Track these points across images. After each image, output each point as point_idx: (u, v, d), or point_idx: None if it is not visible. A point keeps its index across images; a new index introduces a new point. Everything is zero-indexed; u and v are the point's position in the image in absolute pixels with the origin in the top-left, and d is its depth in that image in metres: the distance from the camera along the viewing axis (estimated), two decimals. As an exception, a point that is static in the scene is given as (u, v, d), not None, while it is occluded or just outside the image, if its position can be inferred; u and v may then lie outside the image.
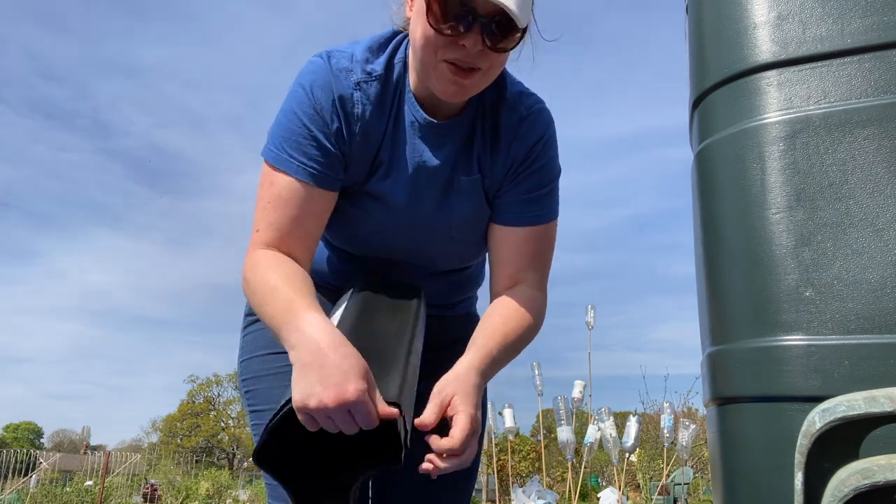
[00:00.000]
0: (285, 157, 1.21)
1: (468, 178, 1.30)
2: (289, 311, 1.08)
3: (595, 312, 11.16)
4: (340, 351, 1.00)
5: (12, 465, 19.40)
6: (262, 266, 1.19)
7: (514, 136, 1.30)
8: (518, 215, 1.31)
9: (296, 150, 1.21)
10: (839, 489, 0.71)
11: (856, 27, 0.84)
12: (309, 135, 1.22)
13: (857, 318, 0.77)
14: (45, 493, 14.78)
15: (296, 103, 1.23)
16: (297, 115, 1.22)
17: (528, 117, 1.31)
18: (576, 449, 10.30)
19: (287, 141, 1.22)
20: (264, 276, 1.17)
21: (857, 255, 0.78)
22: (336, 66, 1.24)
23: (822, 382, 0.76)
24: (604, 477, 22.95)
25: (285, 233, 1.22)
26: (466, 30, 1.12)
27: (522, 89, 1.34)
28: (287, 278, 1.15)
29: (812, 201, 0.81)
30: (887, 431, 0.72)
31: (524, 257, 1.31)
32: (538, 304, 1.31)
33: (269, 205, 1.22)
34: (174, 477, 21.11)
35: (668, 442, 10.69)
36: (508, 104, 1.30)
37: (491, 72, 1.20)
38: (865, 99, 0.82)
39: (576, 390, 10.37)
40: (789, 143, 0.83)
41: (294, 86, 1.25)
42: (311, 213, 1.23)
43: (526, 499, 8.61)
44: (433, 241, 1.34)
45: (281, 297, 1.12)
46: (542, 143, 1.31)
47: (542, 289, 1.34)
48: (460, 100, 1.23)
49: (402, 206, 1.30)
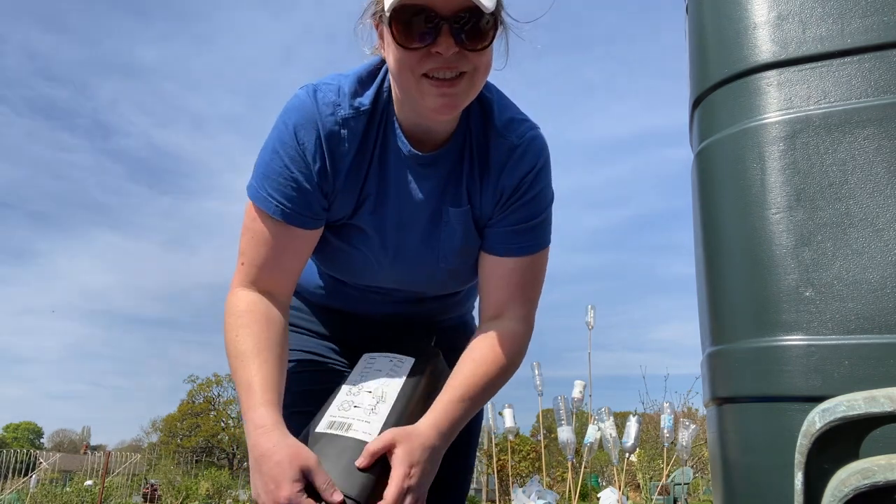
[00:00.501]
0: (264, 196, 1.20)
1: (457, 209, 1.27)
2: (247, 397, 1.15)
3: (595, 312, 11.16)
4: (276, 458, 1.08)
5: (12, 465, 19.39)
6: (237, 317, 1.22)
7: (504, 167, 1.25)
8: (506, 246, 1.27)
9: (275, 189, 1.20)
10: (839, 489, 0.71)
11: (856, 27, 0.84)
12: (289, 176, 1.19)
13: (857, 318, 0.77)
14: (45, 493, 14.79)
15: (279, 142, 1.21)
16: (279, 154, 1.20)
17: (518, 147, 1.25)
18: (576, 449, 10.29)
19: (267, 179, 1.21)
20: (235, 334, 1.20)
21: (857, 255, 0.78)
22: (323, 102, 1.20)
23: (822, 382, 0.76)
24: (604, 477, 22.94)
25: (266, 271, 1.24)
26: (435, 36, 1.08)
27: (514, 115, 1.28)
28: (256, 346, 1.19)
29: (812, 201, 0.81)
30: (887, 431, 0.72)
31: (511, 288, 1.28)
32: (518, 340, 1.29)
33: (253, 239, 1.23)
34: (174, 477, 21.11)
35: (668, 442, 10.68)
36: (497, 132, 1.25)
37: (477, 75, 1.15)
38: (865, 99, 0.82)
39: (576, 390, 10.36)
40: (789, 143, 0.83)
41: (279, 122, 1.22)
42: (290, 250, 1.24)
43: (526, 499, 8.60)
44: (423, 272, 1.33)
45: (244, 374, 1.17)
46: (534, 173, 1.26)
47: (527, 321, 1.31)
48: (453, 113, 1.18)
49: (390, 239, 1.28)
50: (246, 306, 1.23)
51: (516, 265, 1.28)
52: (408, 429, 1.16)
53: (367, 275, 1.34)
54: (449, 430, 1.20)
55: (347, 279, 1.39)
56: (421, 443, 1.14)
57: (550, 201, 1.30)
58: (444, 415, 1.19)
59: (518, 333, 1.29)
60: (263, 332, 1.21)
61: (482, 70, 1.16)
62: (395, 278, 1.34)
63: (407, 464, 1.11)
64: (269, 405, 1.14)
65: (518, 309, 1.29)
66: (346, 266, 1.35)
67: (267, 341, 1.20)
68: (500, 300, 1.29)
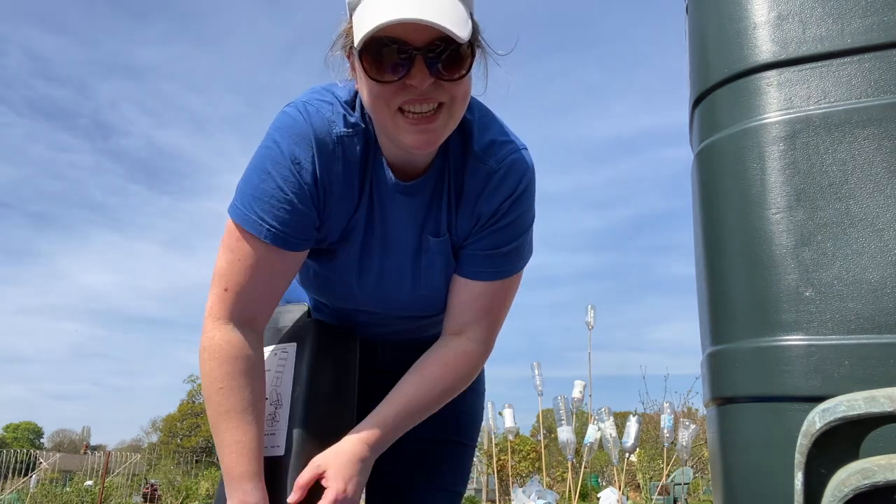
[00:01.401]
0: (255, 220, 1.14)
1: (436, 239, 1.23)
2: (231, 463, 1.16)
3: (595, 312, 11.18)
4: None
5: (12, 465, 19.38)
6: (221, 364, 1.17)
7: (482, 193, 1.20)
8: (476, 270, 1.24)
9: (267, 212, 1.14)
10: (839, 489, 0.71)
11: (856, 27, 0.84)
12: (283, 198, 1.14)
13: (857, 318, 0.77)
14: (45, 493, 14.78)
15: (270, 162, 1.15)
16: (272, 174, 1.14)
17: (497, 172, 1.19)
18: (576, 449, 10.30)
19: (257, 201, 1.14)
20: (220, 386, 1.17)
21: (857, 255, 0.78)
22: (317, 120, 1.15)
23: (822, 382, 0.76)
24: (604, 477, 22.93)
25: (253, 297, 1.19)
26: (408, 68, 1.03)
27: (496, 137, 1.21)
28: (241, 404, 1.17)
29: (812, 201, 0.81)
30: (887, 431, 0.72)
31: (475, 311, 1.26)
32: (472, 360, 1.27)
33: (239, 263, 1.17)
34: (174, 477, 21.09)
35: (668, 442, 10.69)
36: (476, 157, 1.20)
37: (455, 105, 1.10)
38: (865, 99, 0.82)
39: (576, 390, 10.37)
40: (789, 143, 0.83)
41: (268, 140, 1.16)
42: (279, 273, 1.20)
43: (526, 499, 8.60)
44: (403, 298, 1.30)
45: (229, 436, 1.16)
46: (512, 199, 1.20)
47: (487, 343, 1.29)
48: (434, 147, 1.13)
49: (372, 266, 1.26)
50: (230, 352, 1.17)
51: (484, 289, 1.25)
52: (335, 449, 1.18)
53: (349, 298, 1.33)
54: (379, 443, 1.21)
55: (328, 301, 1.37)
56: (348, 459, 1.16)
57: (528, 226, 1.25)
58: (377, 430, 1.20)
59: (474, 354, 1.27)
60: (248, 386, 1.18)
61: (460, 100, 1.10)
62: (376, 303, 1.32)
63: (341, 480, 1.14)
64: (253, 479, 1.15)
65: (480, 331, 1.27)
66: (325, 289, 1.34)
67: (252, 396, 1.18)
68: (463, 320, 1.27)
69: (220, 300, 1.18)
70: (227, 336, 1.18)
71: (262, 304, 1.21)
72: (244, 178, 1.18)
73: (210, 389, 1.18)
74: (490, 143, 1.20)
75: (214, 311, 1.18)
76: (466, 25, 1.04)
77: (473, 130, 1.21)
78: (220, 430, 1.17)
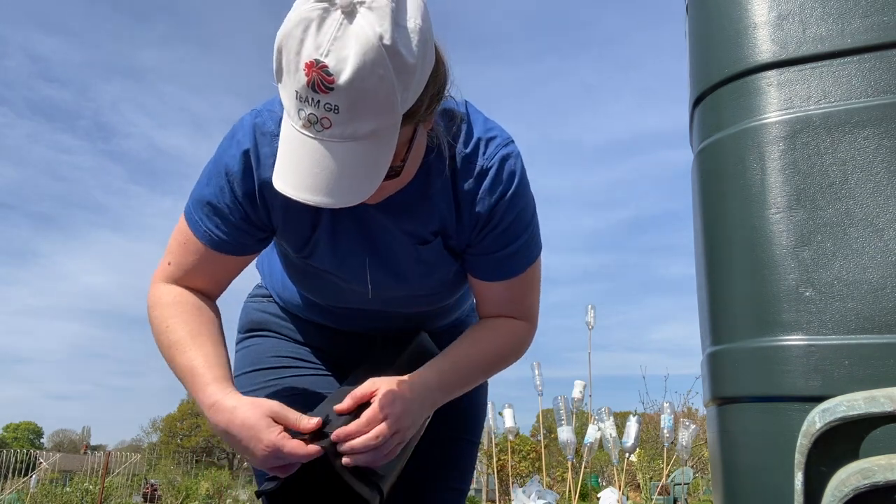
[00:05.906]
0: (196, 220, 1.18)
1: (424, 246, 1.20)
2: (193, 382, 1.12)
3: (595, 312, 11.17)
4: (239, 420, 1.06)
5: (12, 465, 19.35)
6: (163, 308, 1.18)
7: (477, 194, 1.16)
8: (490, 273, 1.22)
9: (205, 215, 1.17)
10: (839, 489, 0.71)
11: (856, 27, 0.84)
12: (217, 207, 1.16)
13: (857, 318, 0.77)
14: (45, 493, 14.76)
15: (214, 168, 1.16)
16: (213, 181, 1.16)
17: (489, 169, 1.15)
18: (576, 449, 10.29)
19: (198, 204, 1.17)
20: (166, 325, 1.17)
21: (857, 255, 0.78)
22: (260, 132, 1.12)
23: (822, 382, 0.76)
24: (604, 477, 22.93)
25: (194, 277, 1.22)
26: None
27: (481, 135, 1.17)
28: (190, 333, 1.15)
29: (812, 201, 0.81)
30: (887, 431, 0.72)
31: (503, 305, 1.26)
32: (519, 332, 1.27)
33: (183, 247, 1.20)
34: (174, 477, 21.09)
35: (668, 442, 10.69)
36: (466, 158, 1.16)
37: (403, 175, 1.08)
38: (865, 99, 0.82)
39: (576, 390, 10.37)
40: (789, 143, 0.83)
41: (218, 147, 1.17)
42: (220, 268, 1.22)
43: (526, 499, 8.60)
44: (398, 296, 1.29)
45: (183, 361, 1.13)
46: (507, 200, 1.16)
47: (529, 318, 1.28)
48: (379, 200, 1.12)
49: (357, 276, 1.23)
50: (173, 298, 1.19)
51: (505, 286, 1.24)
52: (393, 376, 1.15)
53: (342, 300, 1.32)
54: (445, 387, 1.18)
55: (319, 300, 1.36)
56: (403, 380, 1.13)
57: (530, 219, 1.22)
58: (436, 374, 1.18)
59: (519, 327, 1.28)
60: (195, 318, 1.18)
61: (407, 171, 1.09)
62: (372, 305, 1.31)
63: (390, 392, 1.10)
64: (217, 381, 1.11)
65: (518, 314, 1.27)
66: (316, 293, 1.33)
67: (200, 326, 1.17)
68: (497, 313, 1.28)
69: (163, 270, 1.23)
70: (168, 288, 1.21)
71: (203, 283, 1.23)
72: (199, 177, 1.20)
73: (159, 336, 1.18)
74: (477, 141, 1.17)
75: (156, 278, 1.23)
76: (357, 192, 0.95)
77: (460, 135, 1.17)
78: (175, 363, 1.15)
